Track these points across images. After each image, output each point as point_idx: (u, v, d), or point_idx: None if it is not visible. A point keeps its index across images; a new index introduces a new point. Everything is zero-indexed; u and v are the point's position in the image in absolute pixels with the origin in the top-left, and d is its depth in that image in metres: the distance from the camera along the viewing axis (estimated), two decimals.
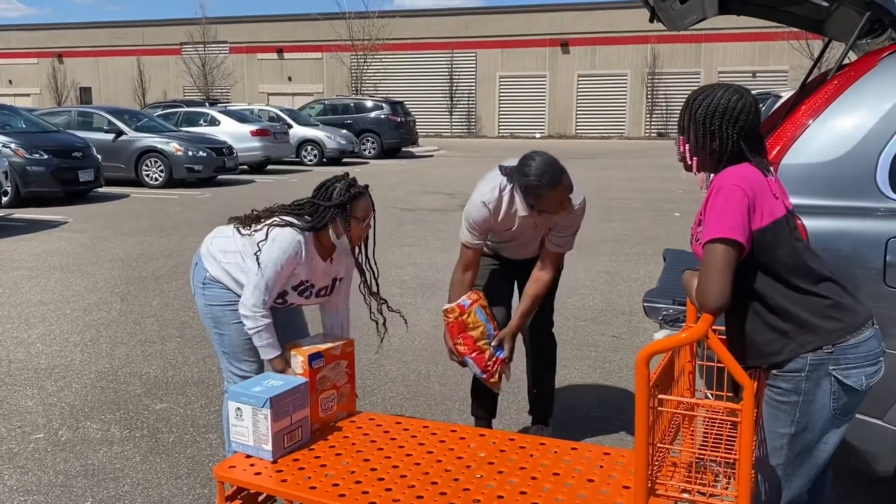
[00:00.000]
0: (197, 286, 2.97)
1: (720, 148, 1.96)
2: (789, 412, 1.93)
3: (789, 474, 1.96)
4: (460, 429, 2.71)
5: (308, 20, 40.08)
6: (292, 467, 2.45)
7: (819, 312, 1.90)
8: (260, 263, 2.73)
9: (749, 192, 1.88)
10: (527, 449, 2.52)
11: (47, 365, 4.58)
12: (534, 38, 37.58)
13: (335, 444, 2.62)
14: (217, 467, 2.48)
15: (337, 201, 2.76)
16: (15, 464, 3.31)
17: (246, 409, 2.53)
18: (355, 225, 2.77)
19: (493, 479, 2.32)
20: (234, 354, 2.94)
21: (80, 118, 14.75)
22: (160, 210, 11.38)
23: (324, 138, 20.11)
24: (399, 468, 2.40)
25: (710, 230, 1.88)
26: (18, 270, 7.17)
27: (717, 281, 1.84)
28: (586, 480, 2.28)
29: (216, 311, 2.93)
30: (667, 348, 1.89)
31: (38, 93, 44.36)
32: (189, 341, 5.05)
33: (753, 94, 2.00)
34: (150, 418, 3.81)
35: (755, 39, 33.84)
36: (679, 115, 2.07)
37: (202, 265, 2.95)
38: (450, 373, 4.48)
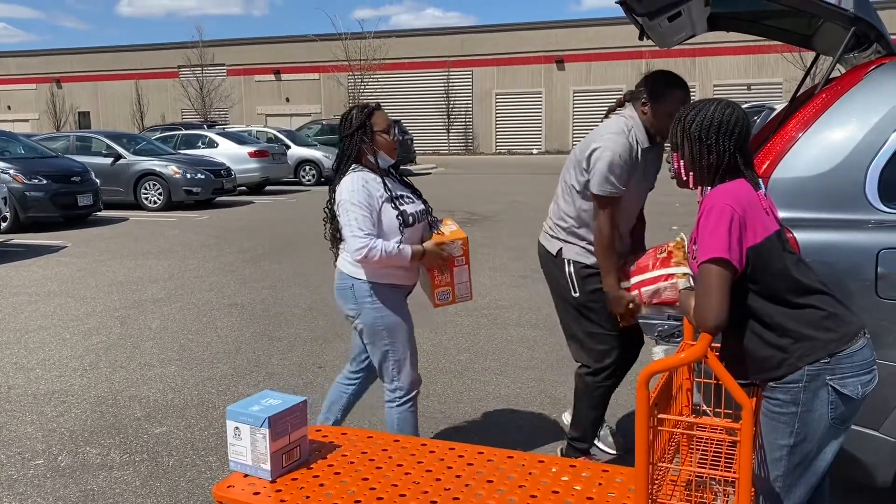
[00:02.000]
0: (364, 303, 2.99)
1: (717, 162, 1.98)
2: (788, 423, 1.94)
3: (789, 485, 1.97)
4: (458, 447, 2.71)
5: (305, 41, 40.36)
6: (291, 486, 2.44)
7: (815, 324, 1.92)
8: (342, 215, 2.90)
9: (740, 211, 1.90)
10: (525, 467, 2.51)
11: (47, 390, 4.58)
12: (529, 55, 37.84)
13: (334, 463, 2.62)
14: (216, 487, 2.47)
15: (357, 124, 2.94)
16: (14, 490, 3.31)
17: (244, 429, 2.53)
18: (381, 139, 2.96)
19: (493, 497, 2.31)
20: (403, 361, 3.05)
21: (79, 143, 14.83)
22: (159, 233, 11.41)
23: (322, 158, 20.19)
24: (398, 487, 2.40)
25: (703, 251, 1.90)
26: (18, 296, 7.18)
27: (714, 300, 1.86)
28: (585, 498, 2.27)
29: (389, 320, 2.99)
30: (666, 368, 1.90)
31: (37, 118, 44.59)
32: (188, 364, 5.05)
33: (742, 107, 2.03)
34: (150, 442, 3.81)
35: (749, 52, 34.09)
36: (671, 132, 2.08)
37: (356, 279, 2.99)
38: (449, 391, 4.48)
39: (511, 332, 5.71)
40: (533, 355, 5.13)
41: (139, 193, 14.31)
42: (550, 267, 3.25)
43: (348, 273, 3.02)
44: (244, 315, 6.32)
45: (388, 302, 3.00)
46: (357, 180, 2.91)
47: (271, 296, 7.03)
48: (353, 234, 2.85)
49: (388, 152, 3.00)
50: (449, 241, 3.02)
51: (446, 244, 3.03)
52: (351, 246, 2.87)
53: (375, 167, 2.99)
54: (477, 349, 5.29)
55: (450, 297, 3.14)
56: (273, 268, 8.44)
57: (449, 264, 3.07)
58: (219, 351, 5.33)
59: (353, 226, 2.85)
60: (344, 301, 3.06)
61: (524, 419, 4.06)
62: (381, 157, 2.99)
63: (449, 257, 3.05)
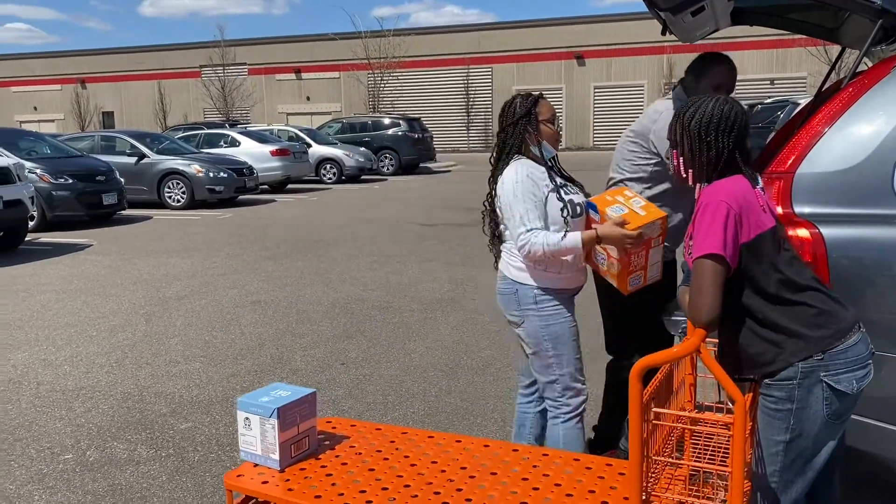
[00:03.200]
0: (528, 310, 2.77)
1: (716, 158, 2.00)
2: (784, 420, 1.96)
3: (787, 480, 1.99)
4: (465, 440, 2.76)
5: (325, 40, 40.52)
6: (299, 476, 2.50)
7: (806, 322, 1.93)
8: (505, 209, 2.70)
9: (736, 208, 1.92)
10: (529, 460, 2.55)
11: (74, 386, 4.65)
12: (549, 51, 37.71)
13: (341, 453, 2.67)
14: (226, 476, 2.54)
15: (522, 112, 2.77)
16: (45, 484, 3.36)
17: (254, 419, 2.59)
18: (545, 128, 2.78)
19: (496, 489, 2.35)
20: (571, 373, 2.82)
21: (104, 142, 15.00)
22: (183, 231, 11.53)
23: (342, 156, 20.28)
24: (403, 478, 2.45)
25: (698, 247, 1.93)
26: (45, 293, 7.29)
27: (707, 296, 1.89)
28: (587, 491, 2.31)
29: (555, 329, 2.77)
30: (659, 362, 1.92)
31: (62, 118, 45.20)
32: (213, 360, 5.10)
33: (742, 105, 2.04)
34: (176, 438, 3.86)
35: (772, 47, 33.72)
36: (670, 129, 2.09)
37: (521, 284, 2.77)
38: (471, 388, 4.49)
39: None
40: None
41: (163, 192, 14.46)
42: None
43: (512, 278, 2.79)
44: (267, 312, 6.38)
45: (555, 309, 2.76)
46: (521, 170, 2.70)
47: (294, 293, 7.08)
48: (517, 230, 2.64)
49: (551, 142, 2.80)
50: (648, 222, 2.61)
51: (645, 225, 2.60)
52: (516, 242, 2.65)
53: (538, 158, 2.80)
54: (499, 346, 5.30)
55: (641, 281, 2.80)
56: (295, 265, 8.50)
57: (644, 246, 2.69)
58: (242, 347, 5.38)
59: (517, 220, 2.64)
60: (507, 307, 2.83)
61: None
62: (545, 147, 2.80)
63: (647, 239, 2.67)
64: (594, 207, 2.71)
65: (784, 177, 2.50)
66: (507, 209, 2.69)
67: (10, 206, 9.35)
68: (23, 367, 5.03)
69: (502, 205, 2.73)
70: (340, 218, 12.73)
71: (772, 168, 2.54)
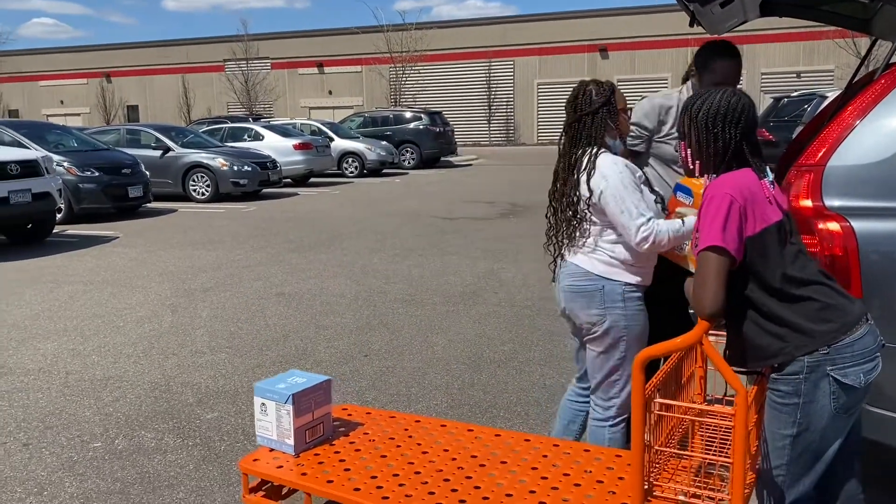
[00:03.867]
0: (614, 308, 2.62)
1: (723, 150, 2.01)
2: (790, 414, 1.96)
3: (794, 474, 1.99)
4: (477, 429, 2.79)
5: (347, 34, 40.60)
6: (312, 461, 2.55)
7: (811, 316, 1.93)
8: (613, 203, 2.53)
9: (741, 200, 1.93)
10: (540, 450, 2.58)
11: (103, 376, 4.72)
12: (572, 44, 37.49)
13: (355, 440, 2.72)
14: (242, 460, 2.60)
15: (601, 101, 2.62)
16: (75, 472, 3.42)
17: (270, 405, 2.65)
18: (622, 118, 2.67)
19: (505, 477, 2.38)
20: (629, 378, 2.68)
21: (129, 136, 15.17)
22: (207, 224, 11.63)
23: (364, 150, 20.34)
24: (414, 465, 2.49)
25: (702, 239, 1.94)
26: (73, 284, 7.40)
27: (710, 288, 1.91)
28: (596, 482, 2.33)
29: (636, 330, 2.65)
30: (660, 353, 1.94)
31: (88, 112, 45.73)
32: (238, 351, 5.15)
33: (750, 97, 2.06)
34: (203, 427, 3.90)
35: (799, 39, 33.25)
36: (678, 121, 2.12)
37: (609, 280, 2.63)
38: (493, 381, 4.50)
39: (556, 322, 5.69)
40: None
41: (188, 185, 14.59)
42: None
43: (599, 273, 2.62)
44: (291, 304, 6.42)
45: (639, 307, 2.65)
46: (619, 161, 2.58)
47: (317, 285, 7.12)
48: (635, 221, 2.50)
49: (623, 133, 2.72)
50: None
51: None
52: (636, 234, 2.50)
53: (610, 149, 2.68)
54: (521, 339, 5.30)
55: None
56: (318, 258, 8.55)
57: None
58: (267, 339, 5.43)
59: (634, 211, 2.50)
60: (587, 304, 2.66)
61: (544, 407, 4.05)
62: (619, 141, 2.70)
63: None
64: (688, 191, 2.62)
65: (814, 169, 2.48)
66: (616, 202, 2.52)
67: (39, 199, 9.49)
68: (52, 357, 5.11)
69: (608, 198, 2.53)
70: (362, 211, 12.77)
71: (802, 160, 2.52)
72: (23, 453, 3.63)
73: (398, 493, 2.29)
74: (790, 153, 3.46)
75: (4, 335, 5.66)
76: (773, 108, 14.85)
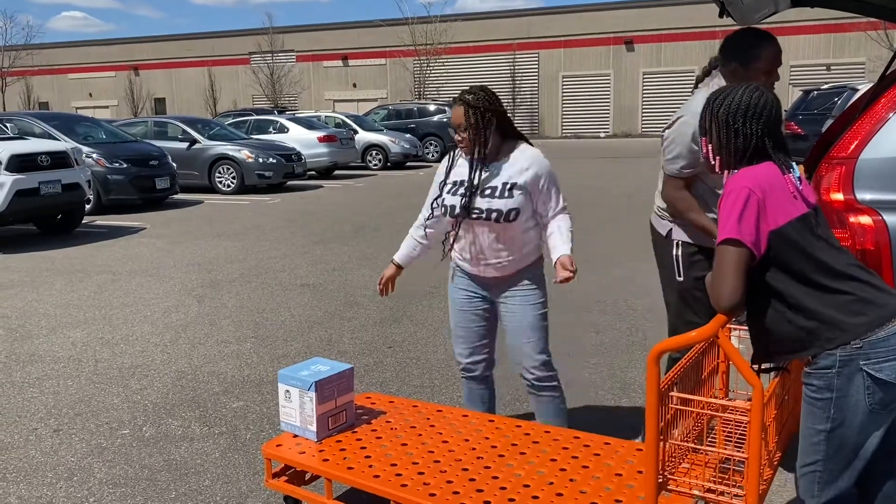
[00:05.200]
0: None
1: (744, 145, 1.99)
2: (824, 409, 1.93)
3: (831, 471, 1.96)
4: (498, 419, 2.79)
5: (371, 27, 40.62)
6: (334, 448, 2.58)
7: (843, 308, 1.90)
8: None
9: (759, 193, 1.90)
10: (560, 441, 2.58)
11: (131, 364, 4.79)
12: (597, 36, 37.20)
13: (377, 428, 2.75)
14: (265, 445, 2.63)
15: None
16: (104, 458, 3.48)
17: (294, 392, 2.69)
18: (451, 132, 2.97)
19: (523, 468, 2.38)
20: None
21: (156, 128, 15.33)
22: (233, 216, 11.73)
23: (388, 143, 20.37)
24: (434, 454, 2.50)
25: (720, 232, 1.92)
26: (102, 274, 7.51)
27: (728, 282, 1.89)
28: (614, 474, 2.33)
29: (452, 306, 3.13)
30: (676, 347, 1.93)
31: (116, 104, 46.26)
32: (263, 341, 5.20)
33: (773, 92, 2.03)
34: (228, 416, 3.95)
35: (829, 31, 32.71)
36: (700, 117, 2.09)
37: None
38: (515, 374, 4.48)
39: (579, 316, 5.67)
40: (601, 340, 5.10)
41: (213, 177, 14.72)
42: (660, 248, 3.13)
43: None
44: (316, 295, 6.46)
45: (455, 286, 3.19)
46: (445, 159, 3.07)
47: (341, 277, 7.16)
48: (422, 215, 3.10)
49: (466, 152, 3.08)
50: None
51: None
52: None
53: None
54: None
55: None
56: (343, 250, 8.59)
57: None
58: (292, 329, 5.47)
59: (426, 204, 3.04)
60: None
61: (592, 403, 4.04)
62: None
63: None
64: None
65: (846, 162, 2.44)
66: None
67: (69, 190, 9.63)
68: (81, 345, 5.20)
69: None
70: (386, 204, 12.80)
71: (833, 153, 2.48)
72: (53, 439, 3.70)
73: (417, 480, 2.31)
74: (820, 146, 3.40)
75: (35, 324, 5.76)
76: (803, 100, 14.61)
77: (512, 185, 2.84)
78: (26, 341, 5.32)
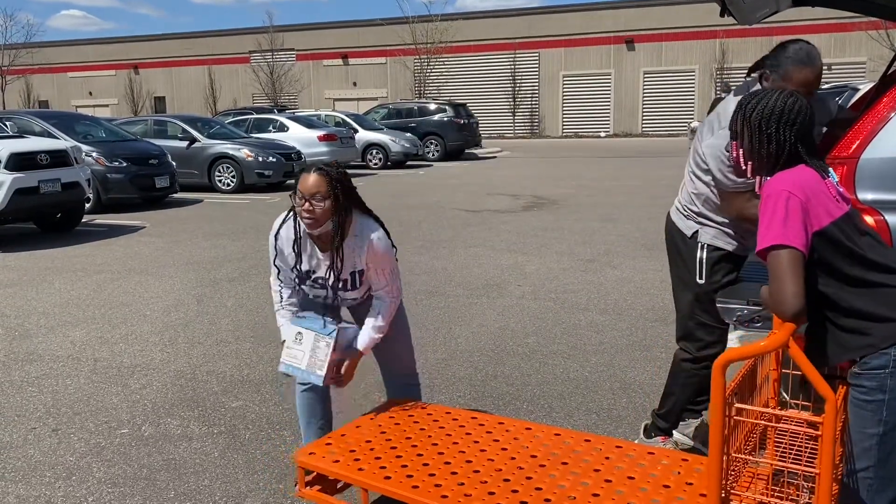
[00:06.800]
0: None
1: (776, 151, 1.96)
2: (876, 411, 1.87)
3: (883, 477, 1.90)
4: (535, 427, 2.71)
5: (372, 25, 40.60)
6: (369, 457, 2.51)
7: (894, 304, 1.85)
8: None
9: (800, 195, 1.87)
10: (602, 451, 2.49)
11: (130, 363, 4.78)
12: (598, 35, 37.18)
13: (412, 435, 2.67)
14: (298, 452, 2.58)
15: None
16: (102, 457, 3.47)
17: (308, 335, 2.73)
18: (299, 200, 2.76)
19: (567, 479, 2.30)
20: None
21: (156, 127, 15.32)
22: (232, 215, 11.72)
23: (388, 142, 20.36)
24: (472, 463, 2.43)
25: (763, 238, 1.87)
26: (101, 273, 7.50)
27: (787, 287, 1.82)
28: (661, 486, 2.23)
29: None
30: (745, 356, 1.84)
31: (116, 103, 46.25)
32: (262, 341, 5.19)
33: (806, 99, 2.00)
34: (227, 415, 3.94)
35: (830, 31, 32.70)
36: (731, 120, 2.07)
37: None
38: (517, 373, 4.49)
39: (579, 316, 5.67)
40: (602, 339, 5.09)
41: (213, 176, 14.71)
42: (680, 246, 3.07)
43: None
44: None
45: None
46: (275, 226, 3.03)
47: None
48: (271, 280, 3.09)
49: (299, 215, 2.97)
50: None
51: None
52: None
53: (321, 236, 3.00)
54: (545, 332, 5.28)
55: None
56: None
57: None
58: None
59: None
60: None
61: (593, 402, 4.04)
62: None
63: None
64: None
65: (847, 162, 2.43)
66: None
67: (68, 189, 9.62)
68: (81, 344, 5.19)
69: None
70: (386, 203, 12.79)
71: (835, 153, 2.48)
72: (52, 438, 3.69)
73: (457, 491, 2.24)
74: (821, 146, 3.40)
75: (34, 322, 5.76)
76: None
77: (360, 272, 2.92)
78: (25, 340, 5.31)
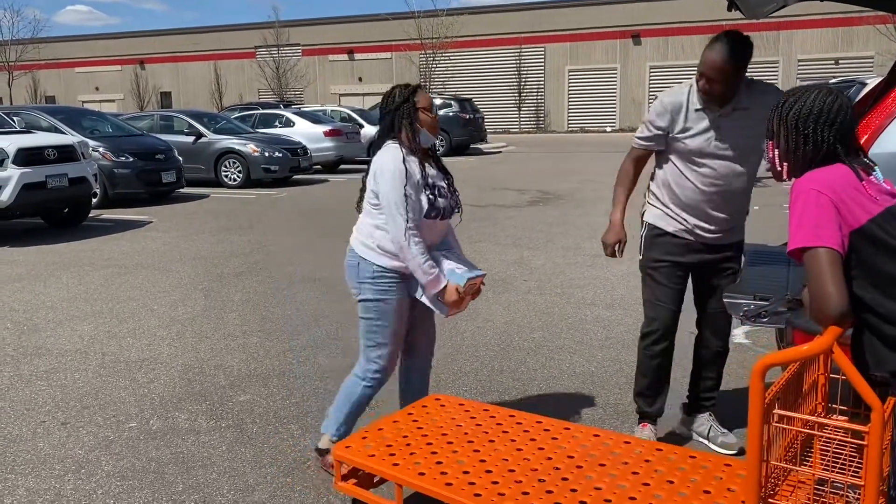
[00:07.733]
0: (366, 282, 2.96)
1: (813, 151, 1.88)
2: None
3: None
4: (574, 427, 2.68)
5: (378, 20, 40.56)
6: (404, 452, 2.51)
7: None
8: (381, 196, 2.87)
9: (830, 193, 1.79)
10: (641, 454, 2.44)
11: (137, 358, 4.80)
12: (604, 30, 37.07)
13: (448, 432, 2.66)
14: (335, 447, 2.59)
15: (401, 100, 2.94)
16: (111, 451, 3.50)
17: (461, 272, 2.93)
18: (423, 116, 2.94)
19: (603, 481, 2.25)
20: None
21: (162, 122, 15.34)
22: (239, 209, 11.75)
23: None
24: (508, 462, 2.40)
25: (794, 238, 1.79)
26: (108, 268, 7.53)
27: (827, 289, 1.73)
28: (702, 491, 2.17)
29: (385, 306, 2.95)
30: (786, 361, 1.75)
31: (122, 98, 46.34)
32: (269, 335, 5.21)
33: (847, 96, 1.90)
34: (235, 409, 3.96)
35: (837, 25, 32.53)
36: (767, 120, 1.99)
37: (361, 259, 2.97)
38: (523, 368, 4.49)
39: (586, 311, 5.67)
40: (608, 335, 5.09)
41: (219, 171, 14.73)
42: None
43: (359, 252, 3.00)
44: (322, 289, 6.47)
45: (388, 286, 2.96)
46: (398, 158, 2.88)
47: None
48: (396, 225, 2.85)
49: (429, 129, 2.99)
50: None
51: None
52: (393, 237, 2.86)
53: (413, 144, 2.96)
54: (551, 327, 5.28)
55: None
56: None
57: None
58: (298, 323, 5.48)
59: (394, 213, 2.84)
60: (349, 277, 3.04)
61: (600, 397, 4.04)
62: (428, 134, 2.98)
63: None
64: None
65: None
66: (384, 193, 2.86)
67: (75, 184, 9.65)
68: (89, 339, 5.22)
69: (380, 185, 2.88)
70: None
71: None
72: (61, 432, 3.71)
73: (491, 490, 2.21)
74: None
75: (42, 317, 5.79)
76: None
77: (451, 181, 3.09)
78: (33, 334, 5.34)
